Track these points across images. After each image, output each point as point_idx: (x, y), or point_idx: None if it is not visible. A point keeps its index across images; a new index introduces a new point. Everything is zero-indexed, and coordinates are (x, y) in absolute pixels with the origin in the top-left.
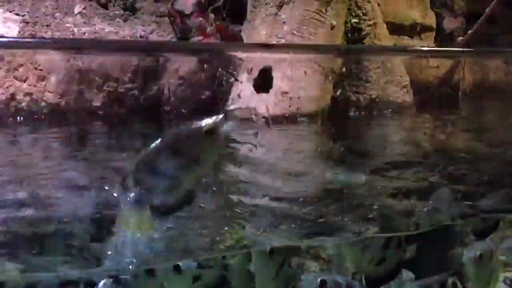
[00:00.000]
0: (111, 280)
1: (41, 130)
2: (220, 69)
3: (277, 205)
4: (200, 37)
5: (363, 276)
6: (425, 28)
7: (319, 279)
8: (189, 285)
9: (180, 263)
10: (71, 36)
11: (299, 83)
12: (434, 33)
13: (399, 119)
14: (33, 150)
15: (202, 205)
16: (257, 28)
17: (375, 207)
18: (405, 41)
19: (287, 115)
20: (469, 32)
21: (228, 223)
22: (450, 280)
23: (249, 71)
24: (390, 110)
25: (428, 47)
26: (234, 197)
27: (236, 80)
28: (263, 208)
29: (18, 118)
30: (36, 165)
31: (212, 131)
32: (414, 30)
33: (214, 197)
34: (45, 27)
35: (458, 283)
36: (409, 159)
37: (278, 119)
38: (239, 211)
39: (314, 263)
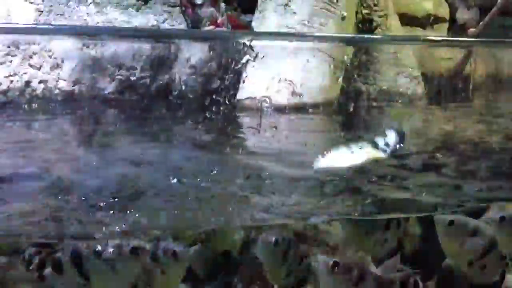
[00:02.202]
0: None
1: (55, 116)
2: (229, 58)
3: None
4: (211, 27)
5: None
6: (438, 19)
7: (331, 261)
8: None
9: (176, 249)
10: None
11: (308, 73)
12: (447, 25)
13: (408, 110)
14: (47, 135)
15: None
16: (268, 18)
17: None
18: (418, 32)
19: (296, 105)
20: (481, 23)
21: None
22: (412, 279)
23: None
24: (400, 101)
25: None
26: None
27: (245, 69)
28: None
29: (33, 105)
30: (49, 148)
31: None
32: (427, 21)
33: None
34: (59, 16)
35: (420, 282)
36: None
37: (287, 109)
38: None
39: (320, 249)
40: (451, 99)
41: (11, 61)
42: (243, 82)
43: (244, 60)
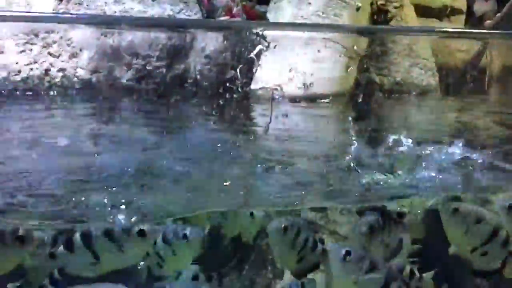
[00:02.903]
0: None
1: (73, 104)
2: (244, 48)
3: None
4: (226, 17)
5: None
6: (455, 11)
7: (344, 250)
8: (196, 252)
9: (187, 232)
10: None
11: (321, 64)
12: (464, 17)
13: (423, 101)
14: (65, 122)
15: None
16: (283, 9)
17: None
18: (434, 24)
19: (309, 96)
20: (498, 15)
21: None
22: (408, 267)
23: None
24: (414, 93)
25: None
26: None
27: (259, 59)
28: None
29: (52, 92)
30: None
31: None
32: (443, 13)
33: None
34: (77, 5)
35: (416, 271)
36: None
37: (300, 100)
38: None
39: (331, 238)
40: (465, 91)
41: (31, 50)
42: (257, 72)
43: (258, 51)
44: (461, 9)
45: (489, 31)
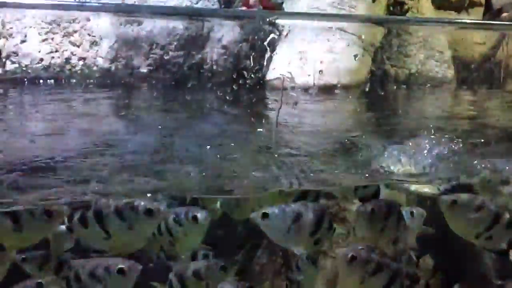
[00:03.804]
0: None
1: (93, 92)
2: (260, 38)
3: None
4: (243, 7)
5: None
6: (473, 4)
7: (350, 254)
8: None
9: (197, 214)
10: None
11: (336, 54)
12: (482, 9)
13: (437, 94)
14: (85, 108)
15: None
16: (299, 0)
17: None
18: (451, 16)
19: (323, 86)
20: None
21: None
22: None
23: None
24: (429, 85)
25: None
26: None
27: (274, 49)
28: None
29: (72, 80)
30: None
31: None
32: (461, 5)
33: None
34: None
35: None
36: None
37: (314, 90)
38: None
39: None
40: (481, 83)
41: (52, 38)
42: (272, 62)
43: (273, 41)
44: (480, 1)
45: (505, 23)
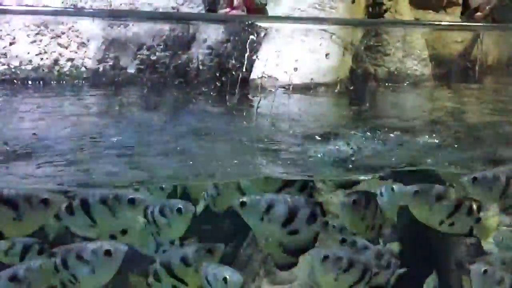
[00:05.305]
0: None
1: (81, 92)
2: (243, 40)
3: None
4: (228, 9)
5: None
6: (451, 3)
7: (322, 254)
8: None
9: (181, 205)
10: (109, 7)
11: (317, 54)
12: (460, 8)
13: (415, 91)
14: (75, 108)
15: None
16: (281, 2)
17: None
18: (430, 16)
19: (305, 85)
20: (488, 7)
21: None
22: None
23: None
24: (407, 82)
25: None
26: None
27: (257, 50)
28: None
29: (61, 81)
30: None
31: None
32: (439, 4)
33: None
34: None
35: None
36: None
37: (295, 88)
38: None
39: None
40: (457, 80)
41: (41, 40)
42: (255, 62)
43: (256, 42)
44: (457, 1)
45: (477, 23)
